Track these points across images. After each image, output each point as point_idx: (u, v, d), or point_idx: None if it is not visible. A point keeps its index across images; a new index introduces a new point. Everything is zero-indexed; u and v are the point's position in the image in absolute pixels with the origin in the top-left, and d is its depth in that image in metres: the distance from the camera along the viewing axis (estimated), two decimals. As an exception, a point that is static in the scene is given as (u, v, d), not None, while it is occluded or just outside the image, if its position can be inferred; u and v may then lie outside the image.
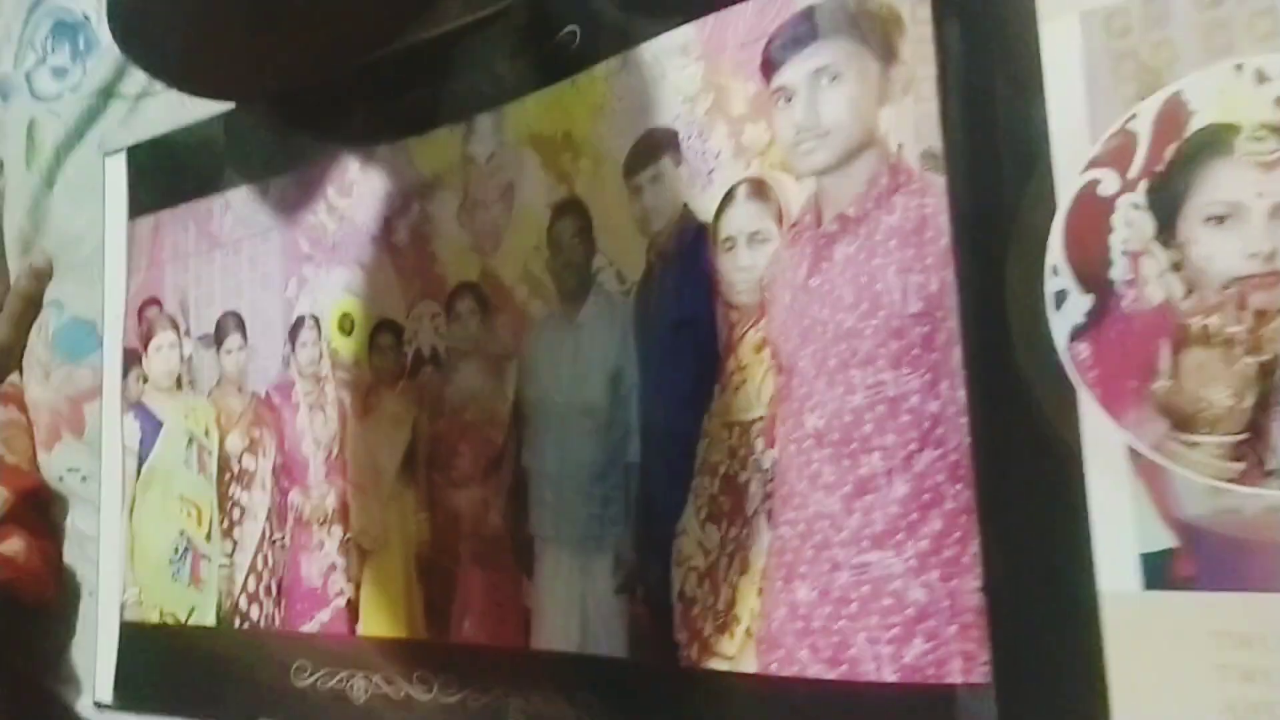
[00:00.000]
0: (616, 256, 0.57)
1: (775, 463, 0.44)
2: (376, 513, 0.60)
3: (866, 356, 0.42)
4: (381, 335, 0.69)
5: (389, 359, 0.66)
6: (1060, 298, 0.36)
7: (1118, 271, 0.35)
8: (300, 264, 0.75)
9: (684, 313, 0.54)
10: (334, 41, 0.58)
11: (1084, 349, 0.36)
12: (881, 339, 0.41)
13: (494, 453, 0.56)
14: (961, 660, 0.38)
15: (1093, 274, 0.36)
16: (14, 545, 0.69)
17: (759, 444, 0.45)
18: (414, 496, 0.59)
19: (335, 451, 0.64)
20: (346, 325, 0.70)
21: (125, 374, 0.74)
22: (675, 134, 0.49)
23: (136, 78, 0.83)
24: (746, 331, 0.51)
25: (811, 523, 0.42)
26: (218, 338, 0.76)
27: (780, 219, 0.46)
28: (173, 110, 0.76)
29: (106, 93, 0.84)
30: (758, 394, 0.49)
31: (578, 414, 0.57)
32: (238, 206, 0.79)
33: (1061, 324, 0.36)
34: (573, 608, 0.50)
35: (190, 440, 0.75)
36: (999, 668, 0.36)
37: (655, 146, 0.51)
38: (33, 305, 0.83)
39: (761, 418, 0.45)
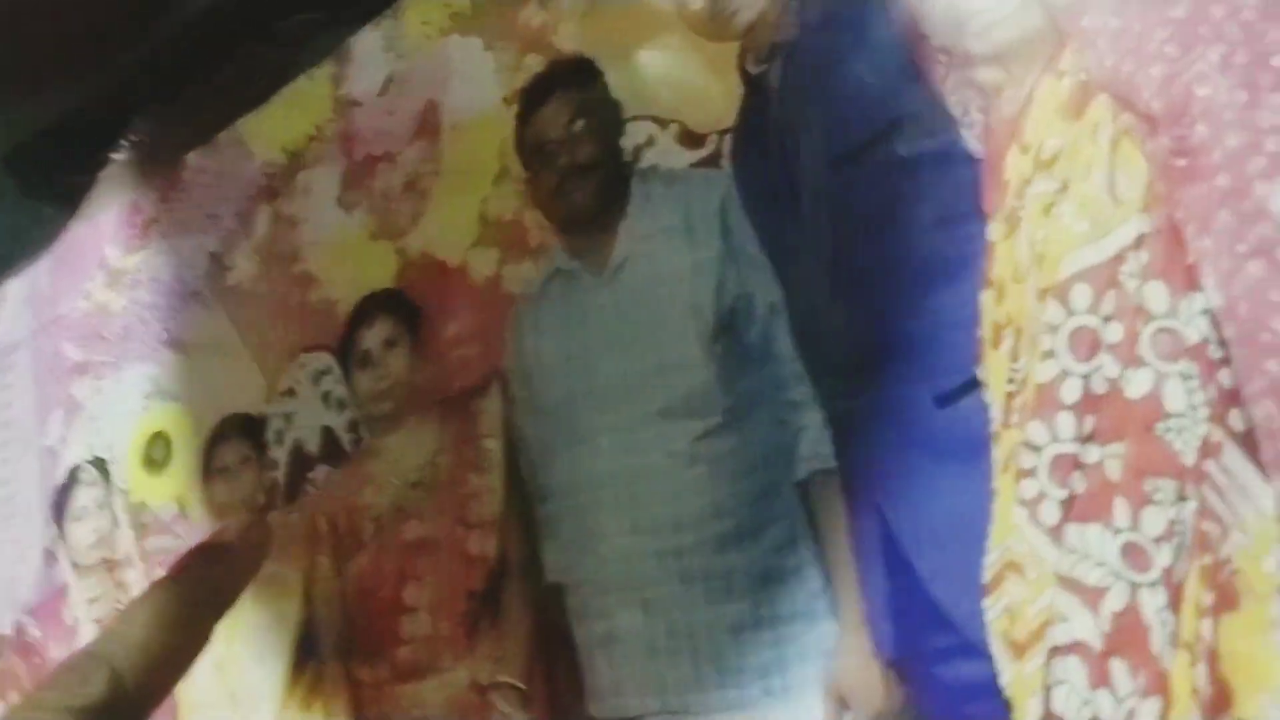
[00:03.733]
0: (675, 106, 0.35)
1: (1216, 312, 0.25)
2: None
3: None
4: (224, 448, 0.44)
5: (243, 483, 0.43)
6: None
7: None
8: (67, 383, 0.50)
9: (877, 117, 0.32)
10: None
11: None
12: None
13: (483, 583, 0.35)
14: None
15: None
16: None
17: (1153, 292, 0.26)
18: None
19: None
20: (158, 453, 0.45)
21: None
22: None
23: None
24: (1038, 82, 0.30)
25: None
26: (-77, 564, 0.53)
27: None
28: None
29: None
30: (1110, 191, 0.27)
31: (657, 420, 0.34)
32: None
33: None
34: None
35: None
36: None
37: None
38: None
39: (1143, 236, 0.26)
